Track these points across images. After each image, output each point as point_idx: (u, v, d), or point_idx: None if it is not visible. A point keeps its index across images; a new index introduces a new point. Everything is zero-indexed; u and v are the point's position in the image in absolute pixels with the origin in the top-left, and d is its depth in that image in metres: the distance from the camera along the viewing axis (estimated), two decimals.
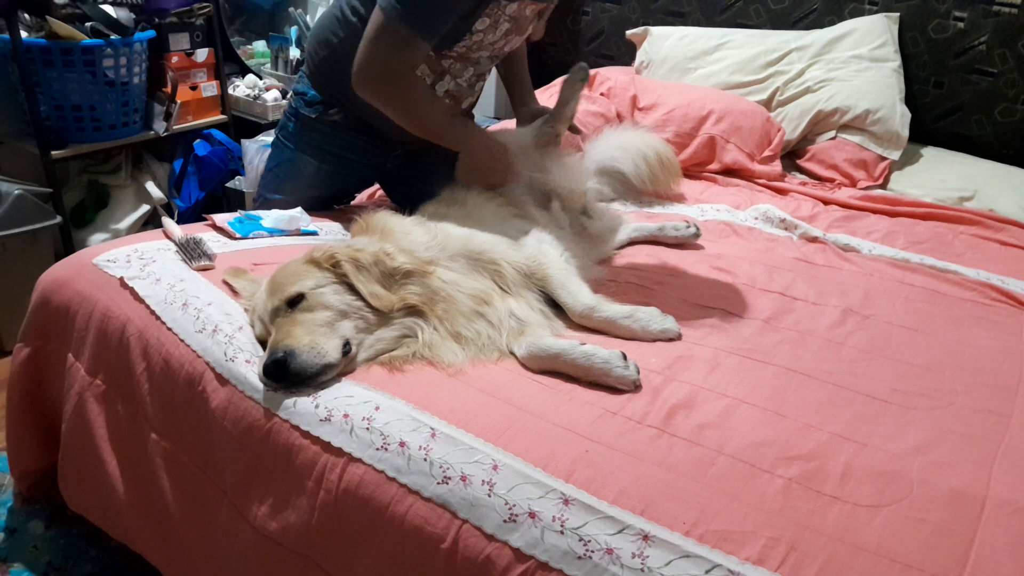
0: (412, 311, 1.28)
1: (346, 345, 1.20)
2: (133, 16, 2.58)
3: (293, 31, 3.17)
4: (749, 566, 0.88)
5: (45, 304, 1.46)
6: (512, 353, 1.29)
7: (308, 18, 3.23)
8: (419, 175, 1.86)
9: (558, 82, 1.91)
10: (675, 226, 1.87)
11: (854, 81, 2.47)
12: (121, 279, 1.40)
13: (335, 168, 1.84)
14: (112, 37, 2.47)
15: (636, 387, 1.19)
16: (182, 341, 1.27)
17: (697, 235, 1.86)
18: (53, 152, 2.47)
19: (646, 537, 0.91)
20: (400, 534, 1.00)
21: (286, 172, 1.85)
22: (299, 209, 1.75)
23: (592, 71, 2.69)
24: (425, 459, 1.02)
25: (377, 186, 2.11)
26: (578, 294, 1.40)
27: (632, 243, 1.87)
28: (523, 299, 1.39)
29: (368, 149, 1.83)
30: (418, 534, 0.99)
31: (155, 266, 1.44)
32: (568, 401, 1.16)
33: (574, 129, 2.00)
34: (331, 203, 1.94)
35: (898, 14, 2.56)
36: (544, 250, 1.47)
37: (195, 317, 1.30)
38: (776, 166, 2.43)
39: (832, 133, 2.47)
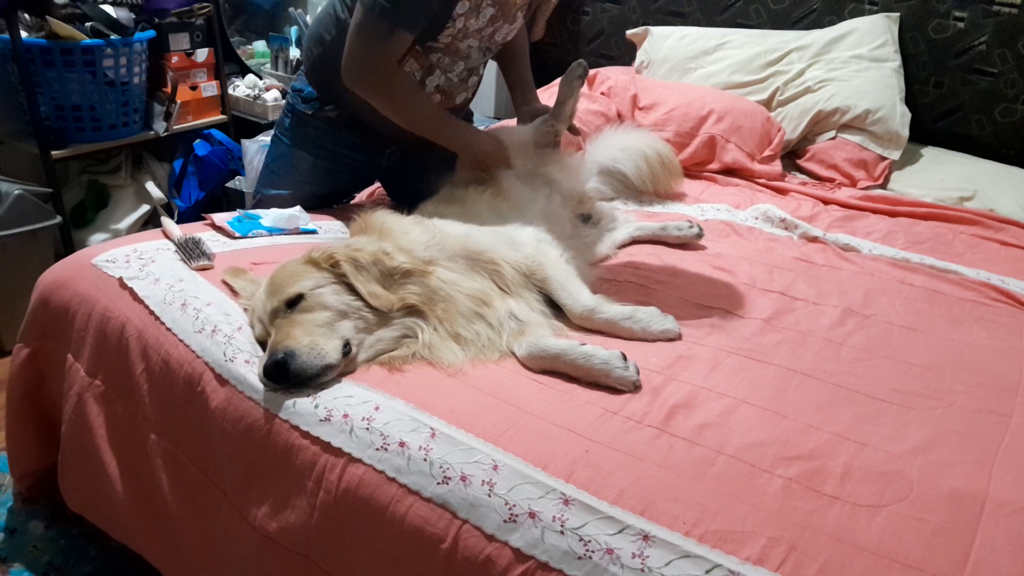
0: (412, 311, 1.28)
1: (346, 345, 1.20)
2: (133, 16, 2.58)
3: (293, 31, 3.17)
4: (749, 566, 0.88)
5: (45, 304, 1.46)
6: (512, 353, 1.28)
7: (308, 18, 3.23)
8: (416, 172, 1.86)
9: (558, 82, 1.90)
10: (678, 226, 1.86)
11: (854, 81, 2.47)
12: (120, 279, 1.40)
13: (330, 164, 1.84)
14: (112, 37, 2.47)
15: (636, 388, 1.19)
16: (181, 341, 1.27)
17: (700, 235, 1.86)
18: (53, 152, 2.47)
19: (646, 537, 0.91)
20: (400, 534, 1.00)
21: (282, 167, 1.86)
22: (298, 208, 1.75)
23: (592, 71, 2.69)
24: (425, 459, 1.02)
25: (377, 185, 2.11)
26: (578, 295, 1.39)
27: (635, 242, 1.87)
28: (523, 299, 1.38)
29: (363, 146, 1.83)
30: (418, 534, 0.99)
31: (154, 266, 1.44)
32: (568, 401, 1.15)
33: (573, 130, 2.00)
34: (329, 201, 1.94)
35: (898, 14, 2.56)
36: (543, 250, 1.46)
37: (194, 317, 1.30)
38: (776, 166, 2.43)
39: (832, 133, 2.47)
